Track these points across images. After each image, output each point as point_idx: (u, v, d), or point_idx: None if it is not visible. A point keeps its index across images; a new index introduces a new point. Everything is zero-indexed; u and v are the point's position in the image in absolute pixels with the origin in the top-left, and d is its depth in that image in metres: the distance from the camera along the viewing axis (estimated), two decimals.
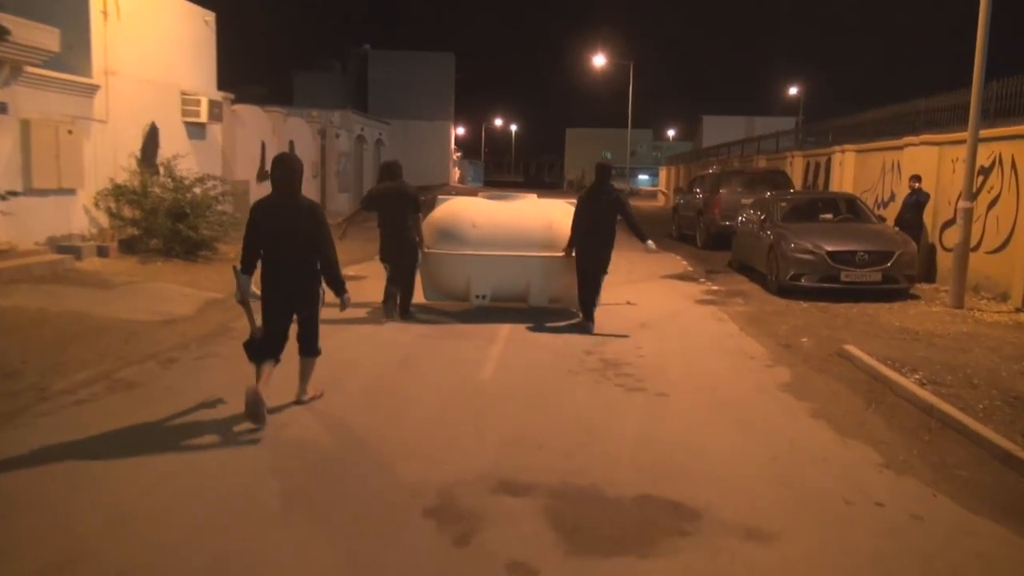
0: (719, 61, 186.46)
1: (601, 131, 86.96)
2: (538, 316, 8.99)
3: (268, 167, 18.88)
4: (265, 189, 5.48)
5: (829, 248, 10.73)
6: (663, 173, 48.27)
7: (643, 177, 74.83)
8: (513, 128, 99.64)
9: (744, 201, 15.89)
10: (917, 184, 12.40)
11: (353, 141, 28.65)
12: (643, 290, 11.63)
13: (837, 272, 10.65)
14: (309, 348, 5.47)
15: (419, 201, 8.73)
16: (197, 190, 12.40)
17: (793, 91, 53.82)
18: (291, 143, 20.41)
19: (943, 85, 15.50)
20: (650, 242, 8.70)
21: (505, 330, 8.37)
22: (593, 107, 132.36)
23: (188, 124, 14.52)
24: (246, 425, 4.94)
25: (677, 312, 9.83)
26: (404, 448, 4.74)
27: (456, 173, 67.12)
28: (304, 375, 5.51)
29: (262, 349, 5.22)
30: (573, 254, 8.54)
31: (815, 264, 10.75)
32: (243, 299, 5.29)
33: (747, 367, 7.01)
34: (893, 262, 10.67)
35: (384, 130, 34.65)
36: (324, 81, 60.68)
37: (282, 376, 5.34)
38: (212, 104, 14.71)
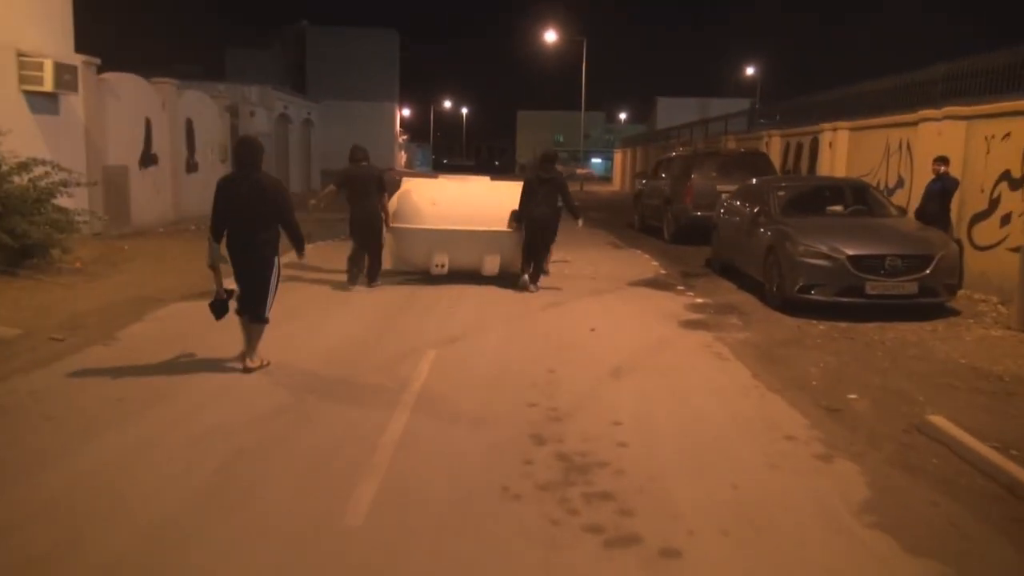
0: (671, 43, 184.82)
1: (553, 114, 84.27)
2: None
3: (156, 150, 15.53)
4: (149, 176, 3.54)
5: (850, 252, 8.22)
6: (618, 156, 45.83)
7: (596, 161, 72.33)
8: (464, 111, 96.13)
9: (720, 188, 13.44)
10: (944, 168, 9.92)
11: (275, 121, 25.39)
12: (611, 306, 9.01)
13: (861, 283, 8.15)
14: (257, 313, 5.77)
15: (384, 181, 9.60)
16: (18, 179, 9.29)
17: (750, 71, 51.86)
18: (188, 121, 17.17)
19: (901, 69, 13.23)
20: (580, 220, 10.03)
21: (426, 363, 5.75)
22: (545, 89, 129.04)
23: (29, 94, 11.35)
24: None
25: (659, 344, 7.19)
26: None
27: (402, 157, 63.51)
28: (251, 340, 5.80)
29: (225, 307, 5.77)
30: (521, 228, 9.55)
31: (832, 272, 8.25)
32: (213, 263, 5.76)
33: (792, 463, 4.37)
34: (932, 269, 8.22)
35: (314, 109, 31.37)
36: (260, 59, 56.29)
37: None
38: (61, 69, 11.52)
